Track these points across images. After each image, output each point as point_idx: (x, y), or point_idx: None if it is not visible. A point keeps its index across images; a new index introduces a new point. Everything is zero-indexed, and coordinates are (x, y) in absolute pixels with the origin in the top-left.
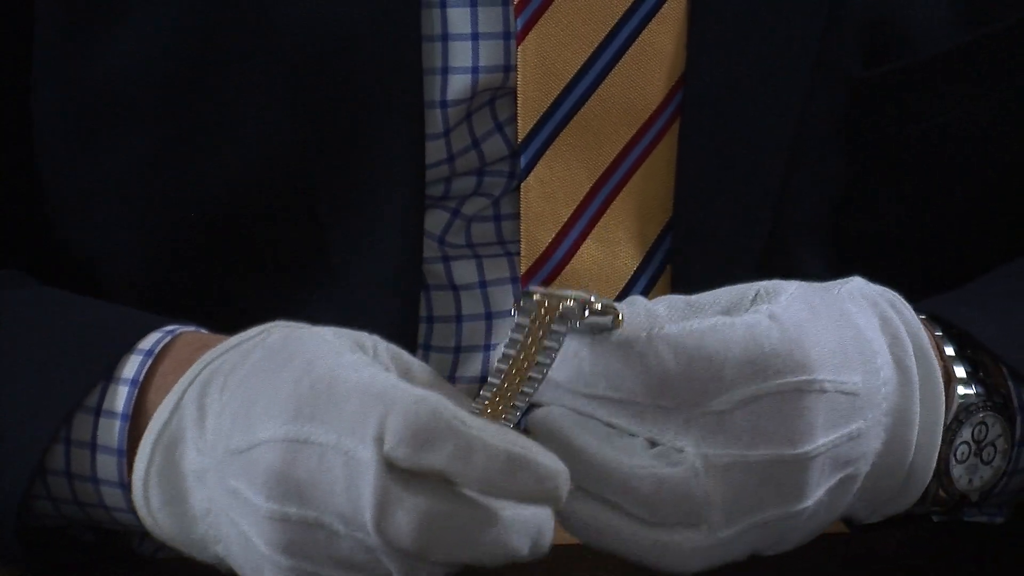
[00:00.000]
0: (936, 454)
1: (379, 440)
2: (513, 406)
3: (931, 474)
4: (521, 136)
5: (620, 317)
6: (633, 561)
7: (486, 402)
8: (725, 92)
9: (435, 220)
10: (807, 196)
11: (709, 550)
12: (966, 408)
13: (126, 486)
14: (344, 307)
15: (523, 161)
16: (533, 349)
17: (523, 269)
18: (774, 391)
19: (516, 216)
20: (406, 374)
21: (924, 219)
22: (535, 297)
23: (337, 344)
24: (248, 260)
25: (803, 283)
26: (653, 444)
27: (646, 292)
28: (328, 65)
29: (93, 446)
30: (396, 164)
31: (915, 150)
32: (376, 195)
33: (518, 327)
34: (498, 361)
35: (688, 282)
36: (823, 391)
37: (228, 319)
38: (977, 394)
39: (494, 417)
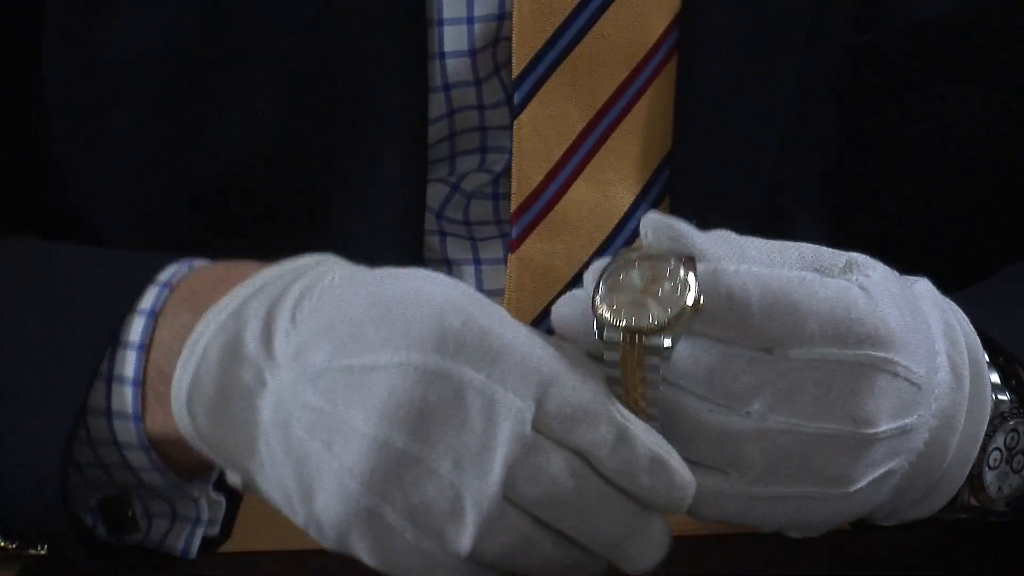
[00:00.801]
0: (971, 464)
1: (537, 400)
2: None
3: (960, 484)
4: (515, 73)
5: (700, 303)
6: None
7: None
8: (723, 29)
9: (434, 194)
10: (808, 137)
11: (733, 500)
12: (1000, 415)
13: (140, 418)
14: None
15: (516, 98)
16: (636, 382)
17: (514, 206)
18: (852, 360)
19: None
20: None
21: (920, 191)
22: (617, 337)
23: (470, 289)
24: (250, 231)
25: (888, 269)
26: None
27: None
28: (329, 45)
29: (109, 379)
30: (397, 124)
31: (911, 112)
32: (376, 182)
33: (610, 363)
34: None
35: (686, 217)
36: (896, 374)
37: None
38: (1010, 401)
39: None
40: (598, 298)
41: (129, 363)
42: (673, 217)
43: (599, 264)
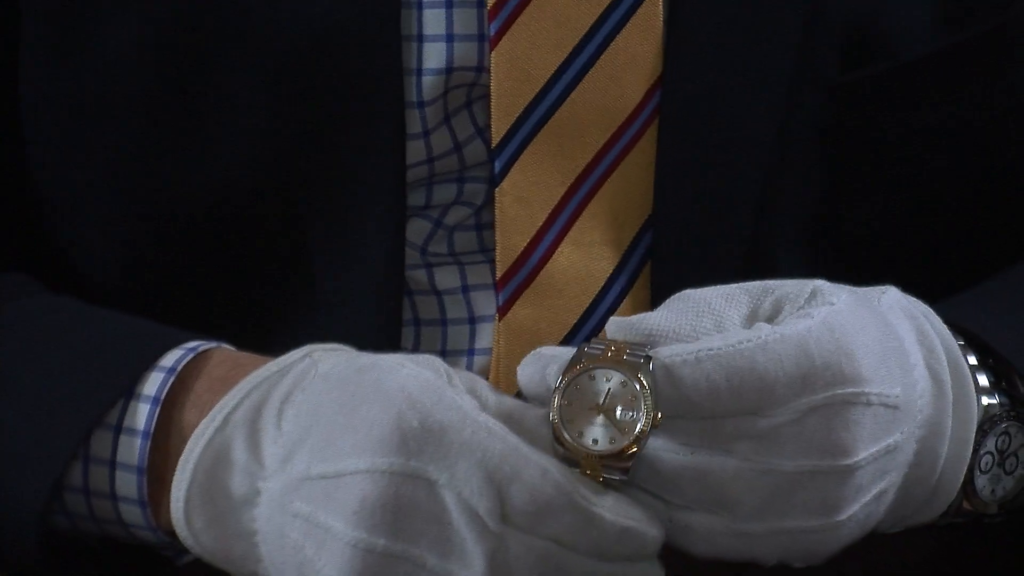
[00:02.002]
0: (965, 467)
1: (499, 499)
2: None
3: (959, 487)
4: (495, 141)
5: (658, 419)
6: None
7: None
8: (704, 93)
9: (417, 230)
10: (789, 192)
11: (729, 538)
12: (990, 418)
13: (146, 504)
14: (326, 313)
15: (497, 166)
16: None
17: (499, 273)
18: (822, 403)
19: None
20: (477, 397)
21: (905, 223)
22: (576, 458)
23: (430, 379)
24: (232, 263)
25: (852, 288)
26: None
27: (624, 293)
28: (309, 65)
29: (112, 463)
30: (377, 166)
31: (894, 154)
32: (358, 196)
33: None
34: None
35: (668, 279)
36: (868, 404)
37: (212, 323)
38: (1000, 404)
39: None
40: (556, 415)
41: (135, 449)
42: (634, 316)
43: (559, 366)
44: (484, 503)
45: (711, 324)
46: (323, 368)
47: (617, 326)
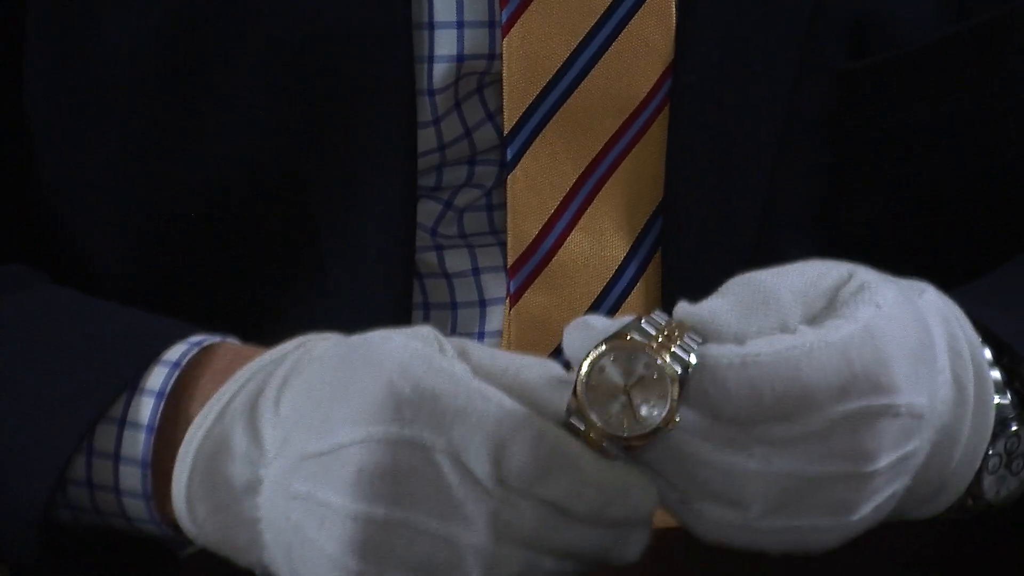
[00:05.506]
0: (975, 471)
1: (496, 462)
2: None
3: (965, 488)
4: (507, 128)
5: (675, 422)
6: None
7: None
8: (715, 79)
9: (427, 211)
10: (797, 179)
11: (739, 531)
12: (1000, 420)
13: (150, 497)
14: (336, 297)
15: (509, 153)
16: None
17: (510, 261)
18: (854, 412)
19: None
20: (468, 361)
21: (912, 211)
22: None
23: (419, 348)
24: (240, 250)
25: (898, 285)
26: None
27: (636, 280)
28: (317, 53)
29: (116, 457)
30: (387, 152)
31: (901, 142)
32: (367, 183)
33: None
34: None
35: (680, 266)
36: (897, 415)
37: (221, 311)
38: (1011, 404)
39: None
40: (579, 388)
41: (139, 443)
42: (704, 308)
43: (592, 341)
44: (481, 467)
45: (776, 323)
46: (317, 352)
47: (686, 312)
